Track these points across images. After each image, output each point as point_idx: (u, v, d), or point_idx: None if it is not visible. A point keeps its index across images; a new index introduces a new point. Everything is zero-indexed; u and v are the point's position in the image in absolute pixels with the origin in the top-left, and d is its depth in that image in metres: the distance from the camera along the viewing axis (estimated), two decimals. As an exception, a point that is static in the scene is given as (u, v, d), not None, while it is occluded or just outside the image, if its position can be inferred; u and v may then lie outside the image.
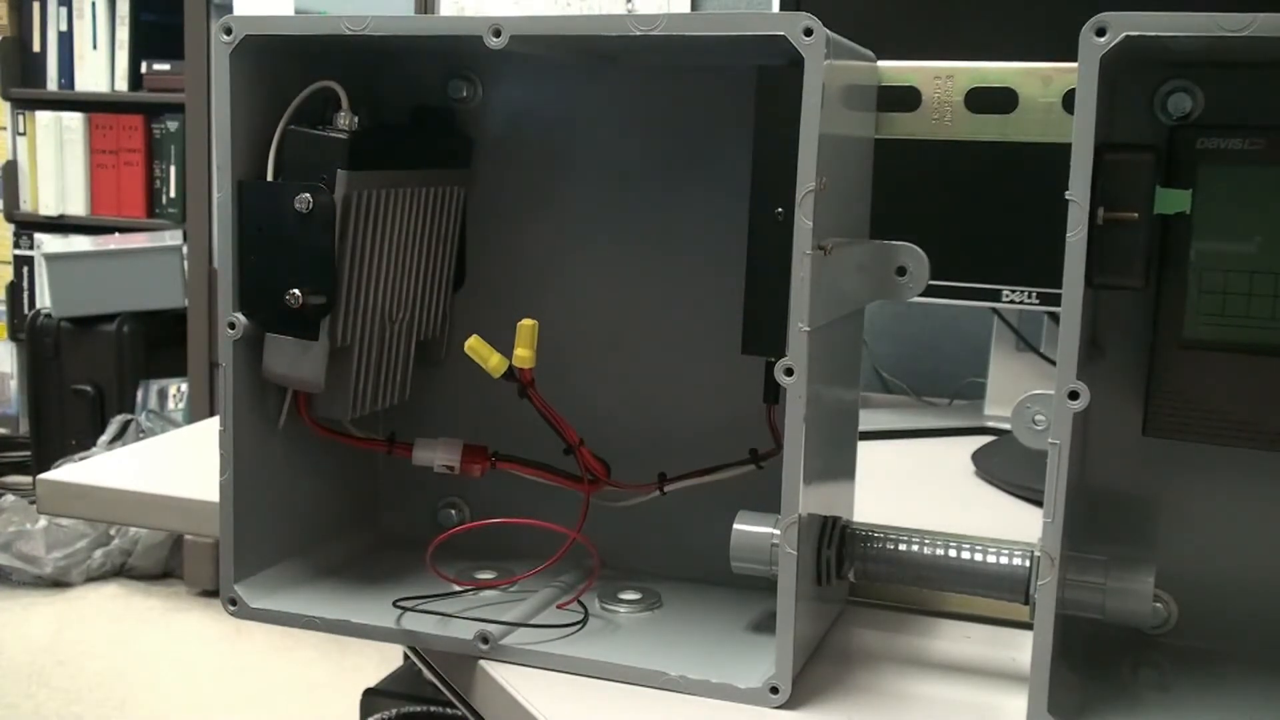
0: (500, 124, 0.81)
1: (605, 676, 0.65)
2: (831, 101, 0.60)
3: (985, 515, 0.98)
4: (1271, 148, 0.60)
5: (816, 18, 0.58)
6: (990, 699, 0.65)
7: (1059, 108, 0.69)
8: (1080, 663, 0.66)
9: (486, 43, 0.64)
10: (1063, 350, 0.57)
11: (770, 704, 0.62)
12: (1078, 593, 0.62)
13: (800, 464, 0.61)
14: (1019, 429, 0.61)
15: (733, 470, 0.73)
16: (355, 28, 0.67)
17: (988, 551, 0.66)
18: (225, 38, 0.68)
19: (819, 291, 0.61)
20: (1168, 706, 0.64)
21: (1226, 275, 0.62)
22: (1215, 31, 0.54)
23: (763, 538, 0.66)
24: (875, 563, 0.69)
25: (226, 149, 0.69)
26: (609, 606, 0.73)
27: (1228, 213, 0.61)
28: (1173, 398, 0.63)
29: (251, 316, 0.70)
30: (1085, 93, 0.55)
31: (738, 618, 0.72)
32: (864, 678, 0.67)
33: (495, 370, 0.66)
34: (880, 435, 1.22)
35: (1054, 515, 0.58)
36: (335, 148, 0.69)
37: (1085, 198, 0.56)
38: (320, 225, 0.68)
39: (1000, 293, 1.07)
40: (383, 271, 0.73)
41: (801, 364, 0.60)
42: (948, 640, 0.72)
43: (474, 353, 0.66)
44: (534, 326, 0.67)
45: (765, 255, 0.63)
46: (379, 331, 0.75)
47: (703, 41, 0.62)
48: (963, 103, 0.72)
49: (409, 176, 0.74)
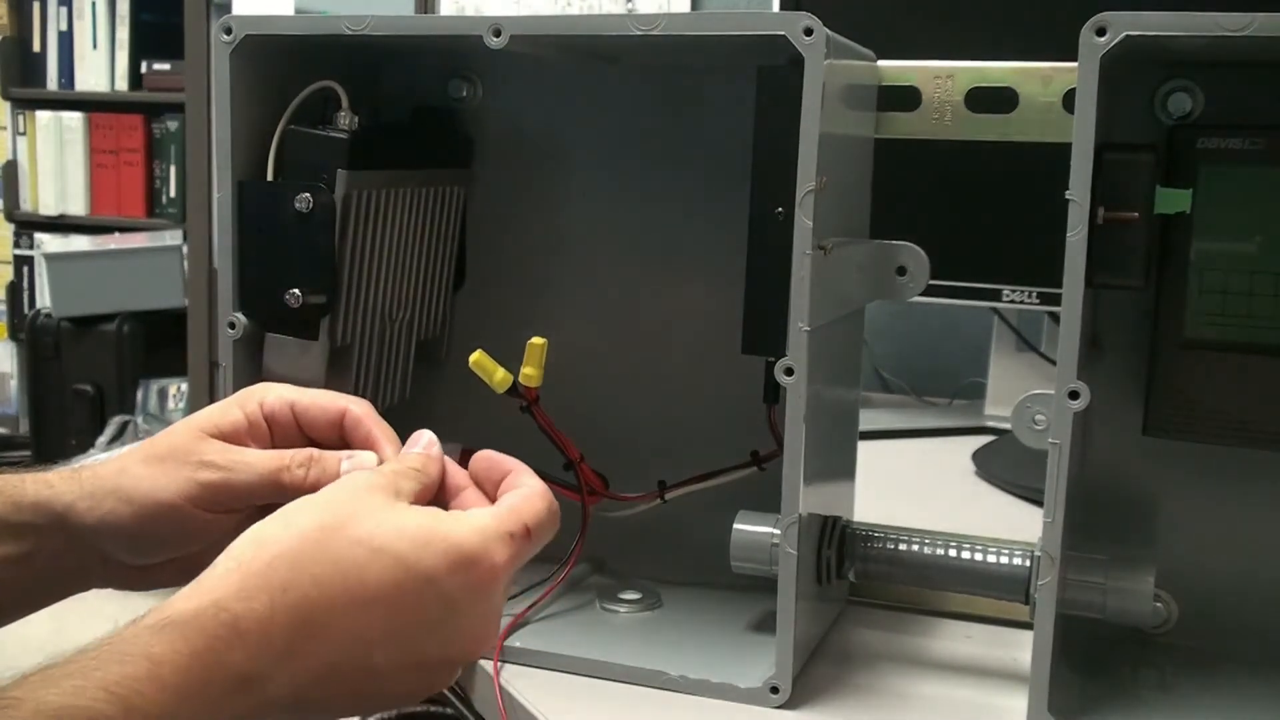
0: (500, 124, 0.81)
1: (605, 676, 0.65)
2: (831, 101, 0.60)
3: (985, 515, 0.98)
4: (1271, 148, 0.60)
5: (816, 18, 0.58)
6: (990, 699, 0.65)
7: (1059, 108, 0.69)
8: (1080, 663, 0.66)
9: (486, 43, 0.64)
10: (1063, 350, 0.57)
11: (770, 704, 0.62)
12: (1078, 593, 0.62)
13: (800, 464, 0.61)
14: (1019, 429, 0.61)
15: (733, 474, 0.73)
16: (355, 28, 0.67)
17: (988, 551, 0.66)
18: (225, 38, 0.68)
19: (819, 291, 0.61)
20: (1168, 706, 0.64)
21: (1227, 275, 0.62)
22: (1215, 31, 0.54)
23: (763, 537, 0.66)
24: (875, 563, 0.69)
25: (226, 149, 0.69)
26: (609, 606, 0.73)
27: (1228, 212, 0.61)
28: (1173, 398, 0.63)
29: (251, 316, 0.70)
30: (1085, 92, 0.55)
31: (738, 618, 0.72)
32: (864, 678, 0.67)
33: (499, 386, 0.66)
34: (880, 435, 1.22)
35: (1054, 515, 0.58)
36: (335, 147, 0.69)
37: (1085, 197, 0.56)
38: (320, 225, 0.68)
39: (1000, 293, 1.07)
40: (383, 271, 0.73)
41: (801, 364, 0.60)
42: (948, 640, 0.72)
43: (479, 368, 0.65)
44: (543, 346, 0.66)
45: (765, 255, 0.63)
46: (379, 331, 0.75)
47: (703, 41, 0.62)
48: (963, 103, 0.72)
49: (409, 176, 0.74)
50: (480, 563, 0.52)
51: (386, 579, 0.50)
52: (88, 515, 0.59)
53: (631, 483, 0.73)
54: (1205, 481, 0.68)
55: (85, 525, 0.59)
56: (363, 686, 0.51)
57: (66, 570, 0.61)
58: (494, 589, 0.54)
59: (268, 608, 0.48)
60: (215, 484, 0.58)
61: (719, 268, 0.75)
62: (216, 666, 0.45)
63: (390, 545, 0.51)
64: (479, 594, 0.53)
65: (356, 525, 0.51)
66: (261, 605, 0.48)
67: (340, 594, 0.49)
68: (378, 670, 0.51)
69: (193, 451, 0.59)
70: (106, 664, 0.43)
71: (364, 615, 0.50)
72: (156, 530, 0.59)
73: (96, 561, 0.61)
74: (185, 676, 0.44)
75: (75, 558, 0.61)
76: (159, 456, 0.59)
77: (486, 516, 0.54)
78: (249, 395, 0.62)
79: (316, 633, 0.49)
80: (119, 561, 0.61)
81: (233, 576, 0.49)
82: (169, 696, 0.43)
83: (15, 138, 3.16)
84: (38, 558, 0.60)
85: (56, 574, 0.61)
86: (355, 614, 0.50)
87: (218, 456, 0.59)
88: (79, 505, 0.59)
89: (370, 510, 0.52)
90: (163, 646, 0.44)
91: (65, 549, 0.60)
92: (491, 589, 0.54)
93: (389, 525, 0.52)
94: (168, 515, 0.58)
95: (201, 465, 0.58)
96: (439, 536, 0.52)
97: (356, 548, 0.51)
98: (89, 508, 0.59)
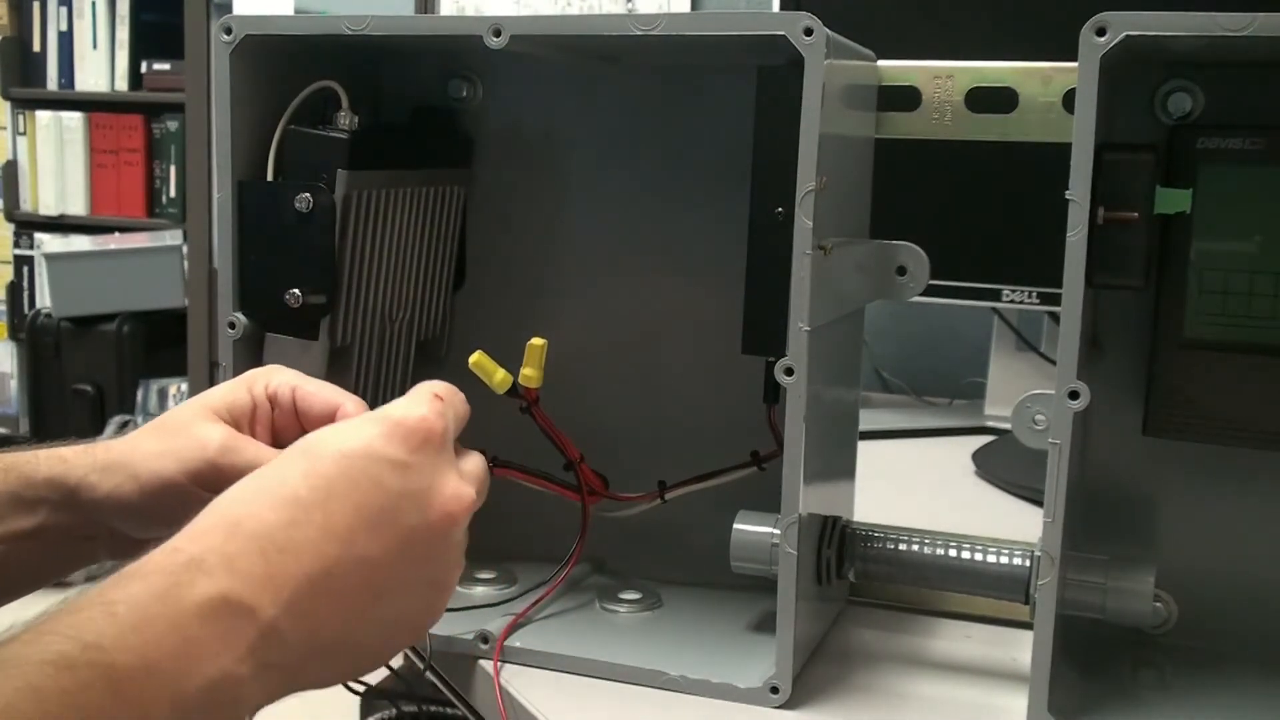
0: (500, 124, 0.81)
1: (605, 676, 0.65)
2: (831, 101, 0.60)
3: (985, 515, 0.98)
4: (1271, 148, 0.60)
5: (816, 18, 0.58)
6: (990, 699, 0.65)
7: (1059, 108, 0.69)
8: (1080, 663, 0.66)
9: (486, 43, 0.64)
10: (1063, 350, 0.57)
11: (770, 704, 0.62)
12: (1078, 593, 0.62)
13: (800, 464, 0.61)
14: (1019, 429, 0.61)
15: (733, 474, 0.73)
16: (355, 28, 0.67)
17: (988, 551, 0.66)
18: (225, 38, 0.68)
19: (819, 291, 0.61)
20: (1168, 706, 0.64)
21: (1227, 275, 0.62)
22: (1215, 31, 0.54)
23: (763, 537, 0.66)
24: (875, 563, 0.69)
25: (226, 149, 0.69)
26: (609, 606, 0.73)
27: (1228, 212, 0.61)
28: (1173, 398, 0.63)
29: (251, 316, 0.70)
30: (1085, 92, 0.55)
31: (738, 618, 0.72)
32: (864, 678, 0.67)
33: (499, 387, 0.66)
34: (880, 435, 1.22)
35: (1054, 515, 0.58)
36: (335, 147, 0.69)
37: (1085, 197, 0.56)
38: (320, 225, 0.68)
39: (1000, 293, 1.07)
40: (383, 271, 0.73)
41: (801, 364, 0.60)
42: (948, 640, 0.72)
43: (479, 368, 0.65)
44: (543, 346, 0.66)
45: (765, 255, 0.63)
46: (379, 331, 0.75)
47: (703, 41, 0.62)
48: (963, 103, 0.72)
49: (409, 176, 0.74)
50: (407, 420, 0.53)
51: (334, 471, 0.51)
52: (97, 489, 0.60)
53: (631, 483, 0.73)
54: (1205, 481, 0.68)
55: (95, 499, 0.60)
56: (368, 591, 0.51)
57: (76, 543, 0.62)
58: (436, 443, 0.54)
59: (222, 539, 0.47)
60: (216, 465, 0.59)
61: (719, 268, 0.75)
62: (178, 598, 0.44)
63: (324, 443, 0.52)
64: (424, 450, 0.53)
65: (293, 448, 0.53)
66: (215, 539, 0.47)
67: (295, 502, 0.50)
68: (369, 563, 0.51)
69: (199, 432, 0.60)
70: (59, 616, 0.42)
71: (326, 512, 0.50)
72: (160, 506, 0.60)
73: (105, 534, 0.62)
74: (144, 610, 0.43)
75: (85, 531, 0.62)
76: (168, 433, 0.60)
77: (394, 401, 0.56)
78: (257, 377, 0.63)
79: (285, 547, 0.48)
80: (125, 535, 0.62)
81: (184, 530, 0.49)
82: (128, 631, 0.42)
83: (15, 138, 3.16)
84: (49, 532, 0.61)
85: (67, 547, 0.62)
86: (317, 514, 0.50)
87: (222, 439, 0.60)
88: (90, 479, 0.60)
89: (305, 438, 0.54)
90: (118, 591, 0.44)
91: (76, 523, 0.61)
92: (433, 443, 0.54)
93: (320, 434, 0.54)
94: (172, 492, 0.59)
95: (206, 446, 0.59)
96: (363, 420, 0.54)
97: (297, 461, 0.52)
98: (99, 481, 0.60)
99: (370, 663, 0.53)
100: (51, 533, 0.61)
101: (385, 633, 0.53)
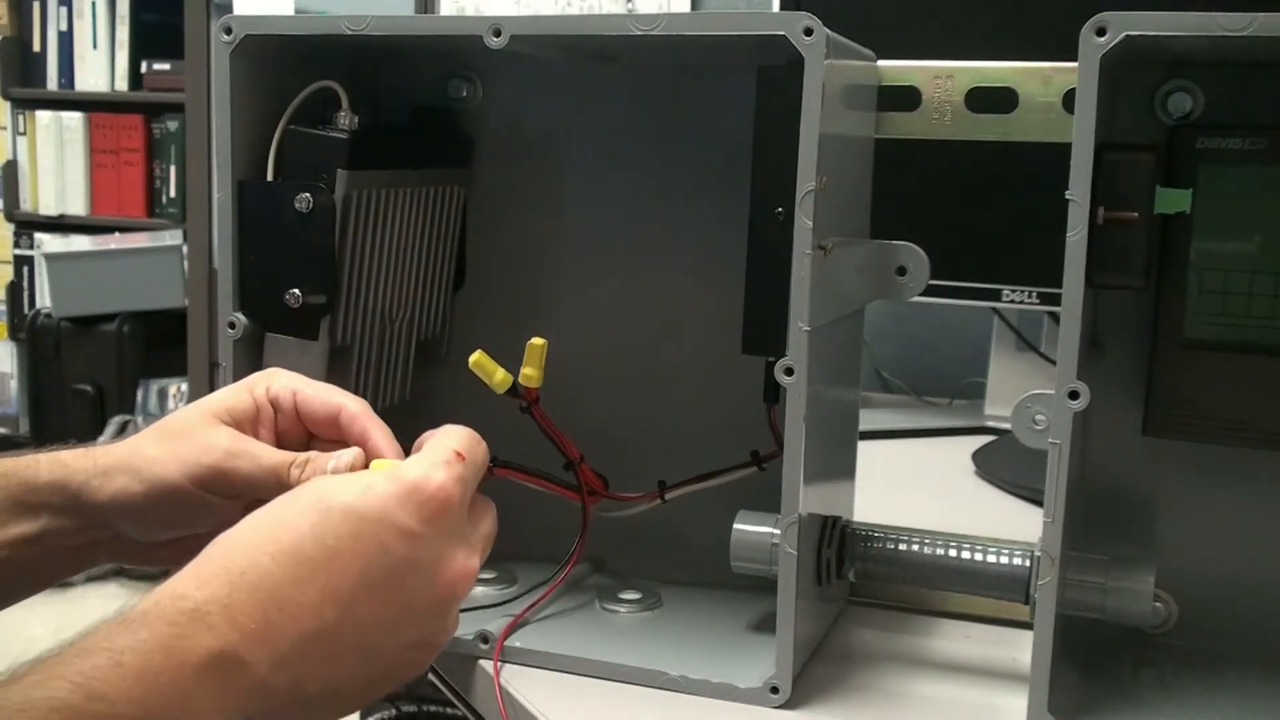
0: (500, 124, 0.81)
1: (605, 676, 0.65)
2: (831, 101, 0.60)
3: (985, 515, 0.98)
4: (1271, 148, 0.60)
5: (816, 18, 0.58)
6: (990, 699, 0.65)
7: (1059, 108, 0.69)
8: (1080, 663, 0.66)
9: (486, 43, 0.64)
10: (1063, 350, 0.57)
11: (770, 704, 0.62)
12: (1078, 593, 0.62)
13: (800, 464, 0.61)
14: (1019, 429, 0.61)
15: (733, 474, 0.73)
16: (355, 28, 0.67)
17: (988, 551, 0.66)
18: (225, 38, 0.68)
19: (819, 291, 0.61)
20: (1168, 706, 0.64)
21: (1227, 275, 0.62)
22: (1215, 31, 0.54)
23: (763, 537, 0.66)
24: (875, 563, 0.69)
25: (226, 149, 0.69)
26: (609, 606, 0.73)
27: (1228, 212, 0.61)
28: (1173, 398, 0.63)
29: (251, 316, 0.70)
30: (1085, 92, 0.55)
31: (738, 618, 0.72)
32: (864, 678, 0.67)
33: (499, 386, 0.66)
34: (880, 435, 1.22)
35: (1054, 515, 0.58)
36: (335, 147, 0.69)
37: (1085, 197, 0.56)
38: (320, 225, 0.68)
39: (1000, 293, 1.07)
40: (383, 271, 0.73)
41: (801, 364, 0.60)
42: (948, 640, 0.72)
43: (479, 368, 0.65)
44: (543, 346, 0.66)
45: (765, 255, 0.63)
46: (379, 331, 0.75)
47: (703, 41, 0.62)
48: (963, 103, 0.72)
49: (409, 176, 0.74)
50: (424, 487, 0.53)
51: (344, 531, 0.51)
52: (99, 492, 0.60)
53: (631, 483, 0.73)
54: (1205, 481, 0.68)
55: (97, 502, 0.60)
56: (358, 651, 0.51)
57: (77, 547, 0.62)
58: (451, 514, 0.54)
59: (227, 590, 0.48)
60: (220, 470, 0.59)
61: (719, 268, 0.75)
62: (182, 651, 0.45)
63: (336, 498, 0.52)
64: (437, 522, 0.53)
65: (306, 494, 0.53)
66: (220, 588, 0.48)
67: (301, 560, 0.50)
68: (365, 626, 0.51)
69: (203, 435, 0.60)
70: (68, 659, 0.43)
71: (330, 573, 0.50)
72: (163, 509, 0.60)
73: (106, 537, 0.62)
74: (148, 661, 0.44)
75: (86, 535, 0.62)
76: (171, 437, 0.60)
77: (415, 457, 0.57)
78: (257, 380, 0.63)
79: (286, 605, 0.49)
80: (127, 537, 0.62)
81: (190, 570, 0.49)
82: (132, 683, 0.43)
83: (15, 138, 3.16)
84: (51, 536, 0.61)
85: (68, 551, 0.63)
86: (321, 575, 0.50)
87: (226, 443, 0.59)
88: (92, 482, 0.60)
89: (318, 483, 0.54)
90: (126, 638, 0.44)
91: (77, 526, 0.61)
92: (448, 514, 0.54)
93: (334, 485, 0.53)
94: (174, 495, 0.59)
95: (209, 450, 0.59)
96: (380, 478, 0.54)
97: (307, 513, 0.51)
98: (101, 484, 0.60)
99: (350, 709, 0.53)
100: (53, 537, 0.61)
101: (368, 687, 0.53)
